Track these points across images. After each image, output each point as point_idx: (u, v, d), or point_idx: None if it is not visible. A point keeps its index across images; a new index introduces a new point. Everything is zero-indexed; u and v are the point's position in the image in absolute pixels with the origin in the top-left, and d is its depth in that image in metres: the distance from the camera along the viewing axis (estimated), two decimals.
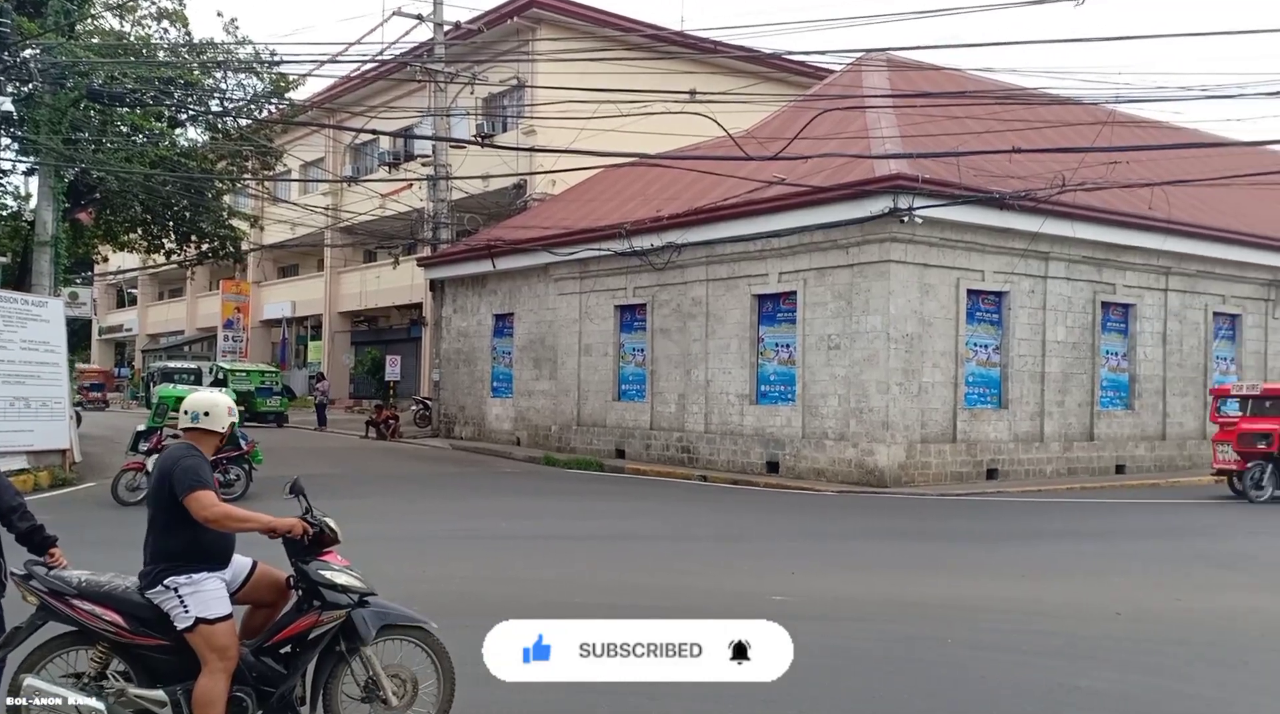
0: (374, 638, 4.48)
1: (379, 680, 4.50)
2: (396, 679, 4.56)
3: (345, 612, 4.45)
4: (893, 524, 12.91)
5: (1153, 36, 14.01)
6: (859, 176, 16.38)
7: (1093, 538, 12.08)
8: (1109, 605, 8.07)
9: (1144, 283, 20.01)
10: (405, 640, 4.62)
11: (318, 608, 4.44)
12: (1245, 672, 6.30)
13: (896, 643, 6.81)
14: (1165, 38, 14.13)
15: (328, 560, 4.51)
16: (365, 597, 4.52)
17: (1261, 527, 13.17)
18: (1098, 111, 17.28)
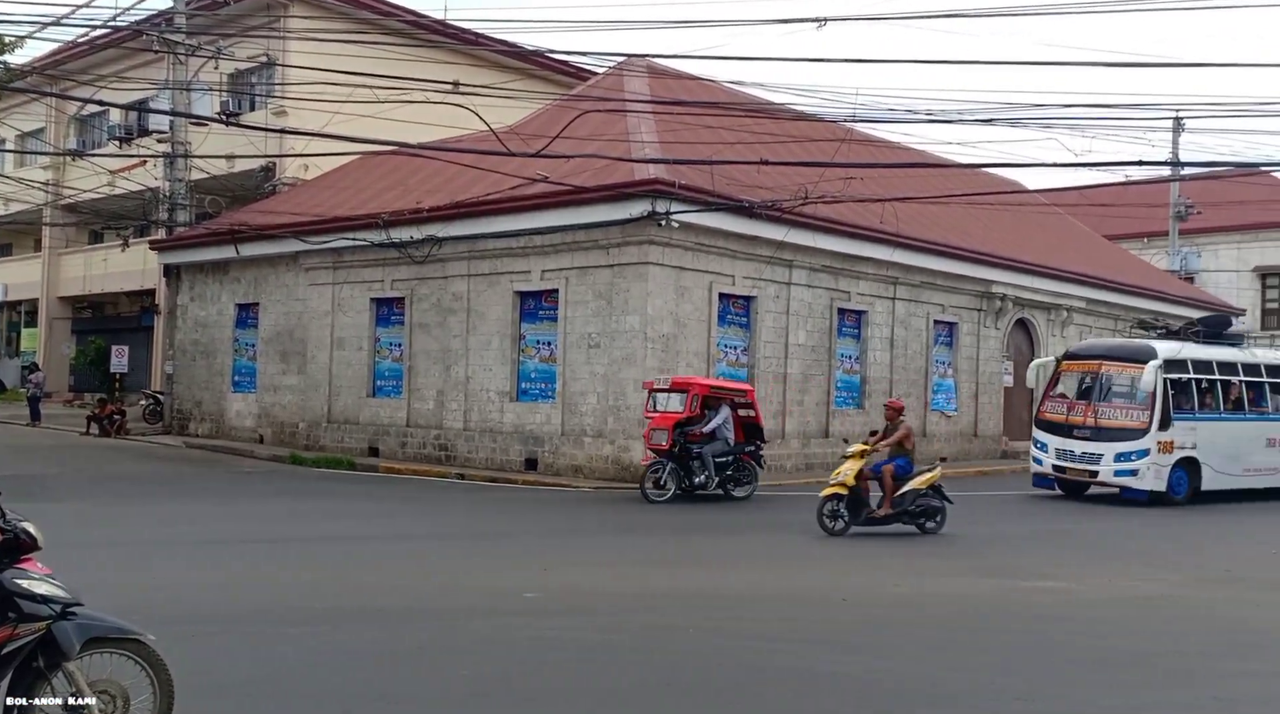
0: (78, 652, 4.09)
1: (83, 697, 4.11)
2: (105, 695, 4.18)
3: (45, 624, 4.04)
4: (646, 519, 13.23)
5: (887, 61, 15.12)
6: (620, 179, 16.68)
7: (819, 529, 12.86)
8: (837, 592, 8.64)
9: (875, 291, 21.56)
10: (116, 654, 4.24)
11: (13, 620, 4.01)
12: (956, 651, 6.90)
13: (644, 634, 6.97)
14: (898, 63, 15.32)
15: (25, 568, 4.08)
16: (70, 608, 4.12)
17: (980, 516, 14.49)
18: (837, 129, 18.46)
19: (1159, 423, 15.68)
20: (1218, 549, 12.30)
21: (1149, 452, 15.59)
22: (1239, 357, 17.46)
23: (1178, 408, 16.09)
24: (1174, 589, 9.50)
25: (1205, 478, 16.27)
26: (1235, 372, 17.16)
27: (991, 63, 16.45)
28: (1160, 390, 15.73)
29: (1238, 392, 17.10)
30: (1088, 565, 10.62)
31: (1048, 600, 8.79)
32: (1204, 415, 16.48)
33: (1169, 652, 6.96)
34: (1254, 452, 17.05)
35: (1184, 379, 16.38)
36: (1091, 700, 5.63)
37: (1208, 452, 16.23)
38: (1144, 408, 15.86)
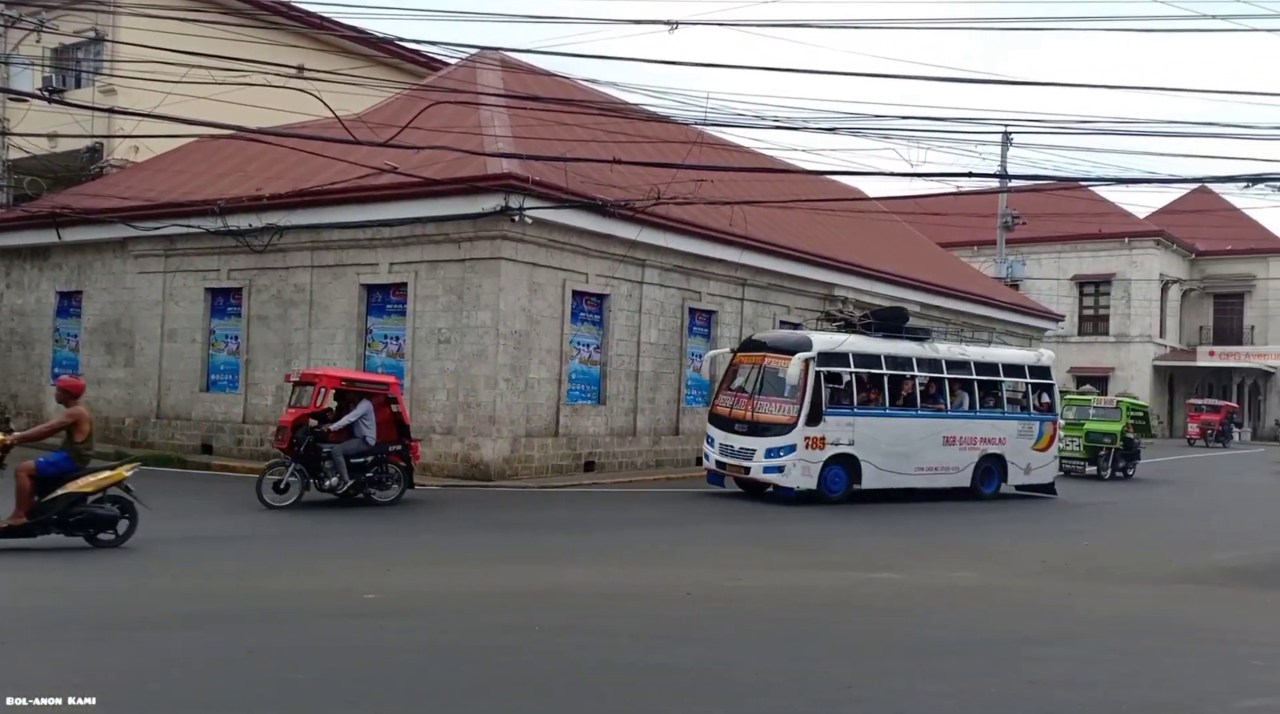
0: None
1: None
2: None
3: None
4: (493, 516, 13.12)
5: (737, 67, 15.44)
6: (472, 172, 16.45)
7: (670, 525, 13.08)
8: (682, 586, 8.78)
9: (725, 292, 22.01)
10: None
11: None
12: (792, 642, 7.11)
13: (489, 633, 6.90)
14: (747, 69, 15.64)
15: None
16: None
17: (818, 515, 14.98)
18: (689, 131, 18.74)
19: (807, 418, 14.89)
20: (1033, 542, 13.06)
21: (795, 447, 14.85)
22: (915, 351, 16.48)
23: (836, 403, 15.37)
24: (995, 580, 10.05)
25: (866, 476, 15.52)
26: (909, 367, 16.28)
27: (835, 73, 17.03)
28: (811, 384, 14.92)
29: (910, 387, 16.29)
30: (919, 557, 11.13)
31: (879, 591, 9.17)
32: (866, 411, 15.70)
33: (989, 639, 7.36)
34: (928, 450, 16.31)
35: (844, 373, 15.61)
36: (914, 687, 5.89)
37: (869, 449, 15.52)
38: (794, 402, 15.03)
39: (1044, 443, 17.90)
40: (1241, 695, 5.96)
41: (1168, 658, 6.91)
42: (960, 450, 16.74)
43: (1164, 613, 8.74)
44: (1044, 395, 18.20)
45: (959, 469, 16.73)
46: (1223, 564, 11.23)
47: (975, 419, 16.93)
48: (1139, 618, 8.42)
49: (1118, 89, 14.37)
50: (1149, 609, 8.91)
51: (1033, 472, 17.75)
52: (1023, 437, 17.56)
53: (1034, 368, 18.26)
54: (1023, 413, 17.80)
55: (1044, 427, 17.93)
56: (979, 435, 16.94)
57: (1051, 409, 18.23)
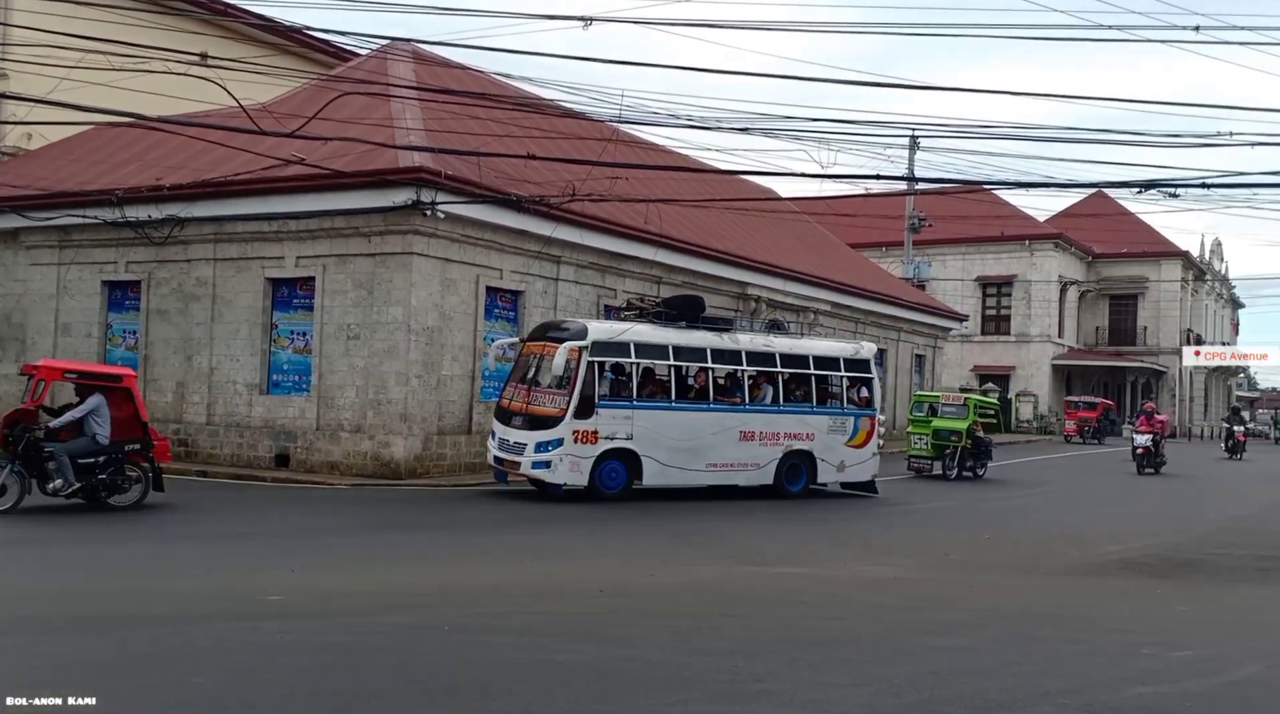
0: None
1: None
2: None
3: None
4: (402, 516, 12.93)
5: (651, 65, 15.49)
6: (383, 165, 16.18)
7: (587, 521, 13.06)
8: (594, 583, 8.77)
9: (640, 289, 22.03)
10: None
11: None
12: (701, 637, 7.16)
13: (396, 634, 6.80)
14: (662, 68, 15.70)
15: None
16: None
17: (725, 509, 15.11)
18: (604, 128, 18.73)
19: (575, 410, 14.10)
20: (938, 536, 13.40)
21: (563, 441, 14.05)
22: (710, 342, 15.49)
23: (615, 394, 14.63)
24: (900, 573, 10.28)
25: (649, 473, 14.72)
26: (702, 358, 15.33)
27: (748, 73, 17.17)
28: (583, 374, 14.13)
29: (703, 380, 15.38)
30: (825, 553, 11.32)
31: (791, 585, 9.30)
32: (648, 403, 14.92)
33: (894, 631, 7.52)
34: (723, 445, 15.40)
35: (625, 363, 14.78)
36: (823, 679, 5.99)
37: (651, 444, 14.68)
38: (565, 393, 14.28)
39: (860, 439, 16.94)
40: (1132, 683, 6.19)
41: (1062, 647, 7.15)
42: (761, 446, 15.83)
43: (1059, 604, 9.04)
44: (863, 389, 17.33)
45: (760, 466, 15.84)
46: (1114, 556, 11.67)
47: (779, 414, 16.08)
48: (1035, 609, 8.70)
49: (1017, 95, 14.81)
50: (1045, 600, 9.21)
51: (848, 469, 16.88)
52: (835, 432, 16.69)
53: (851, 361, 17.23)
54: (836, 407, 16.92)
55: (860, 422, 16.97)
56: (783, 431, 16.07)
57: (870, 404, 17.30)
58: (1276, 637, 7.79)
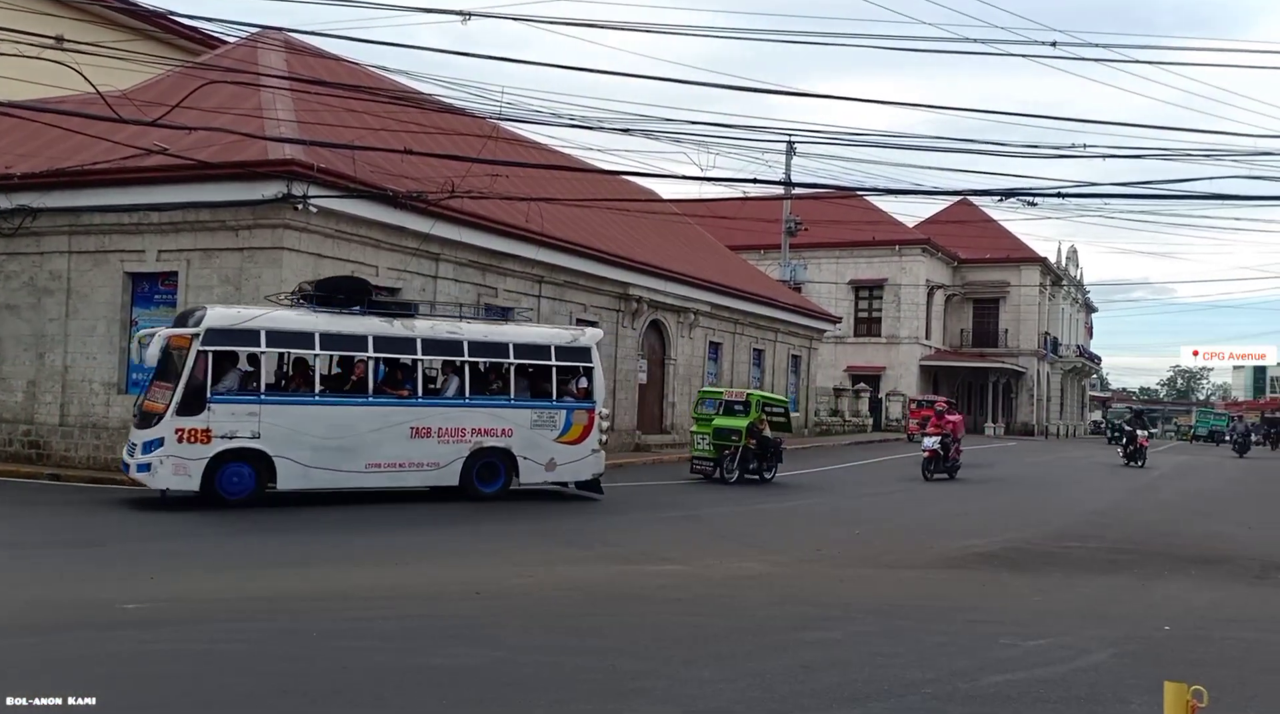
0: None
1: None
2: None
3: None
4: (272, 520, 12.51)
5: (532, 63, 15.39)
6: (252, 157, 15.63)
7: (464, 522, 12.91)
8: (470, 585, 8.67)
9: (521, 288, 21.92)
10: None
11: None
12: (578, 637, 7.16)
13: (265, 641, 6.58)
14: (543, 66, 15.63)
15: None
16: None
17: (606, 506, 15.15)
18: (484, 125, 18.54)
19: (179, 406, 12.50)
20: (810, 531, 13.72)
21: (164, 441, 12.48)
22: (374, 329, 13.82)
23: (243, 388, 13.05)
24: (774, 568, 10.49)
25: (286, 475, 13.09)
26: (361, 346, 13.72)
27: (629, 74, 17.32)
28: (190, 366, 12.55)
29: (362, 370, 13.83)
30: (705, 548, 11.46)
31: (667, 583, 9.38)
32: (283, 398, 13.30)
33: (766, 626, 7.67)
34: (388, 443, 13.81)
35: (256, 352, 13.19)
36: (697, 675, 6.07)
37: (288, 443, 13.06)
38: (172, 387, 12.74)
39: (575, 434, 15.40)
40: (990, 671, 6.46)
41: (926, 638, 7.42)
42: (440, 443, 14.26)
43: (924, 596, 9.38)
44: (582, 380, 15.76)
45: (440, 465, 14.26)
46: (976, 550, 12.17)
47: (465, 407, 14.53)
48: (902, 601, 9.00)
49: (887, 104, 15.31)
50: (911, 593, 9.54)
51: (560, 467, 15.32)
52: (541, 427, 15.13)
53: (567, 348, 15.64)
54: (541, 400, 15.29)
55: (574, 416, 15.41)
56: (470, 426, 14.53)
57: (590, 395, 15.69)
58: (1123, 624, 8.24)
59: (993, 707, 5.70)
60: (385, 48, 40.78)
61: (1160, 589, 10.09)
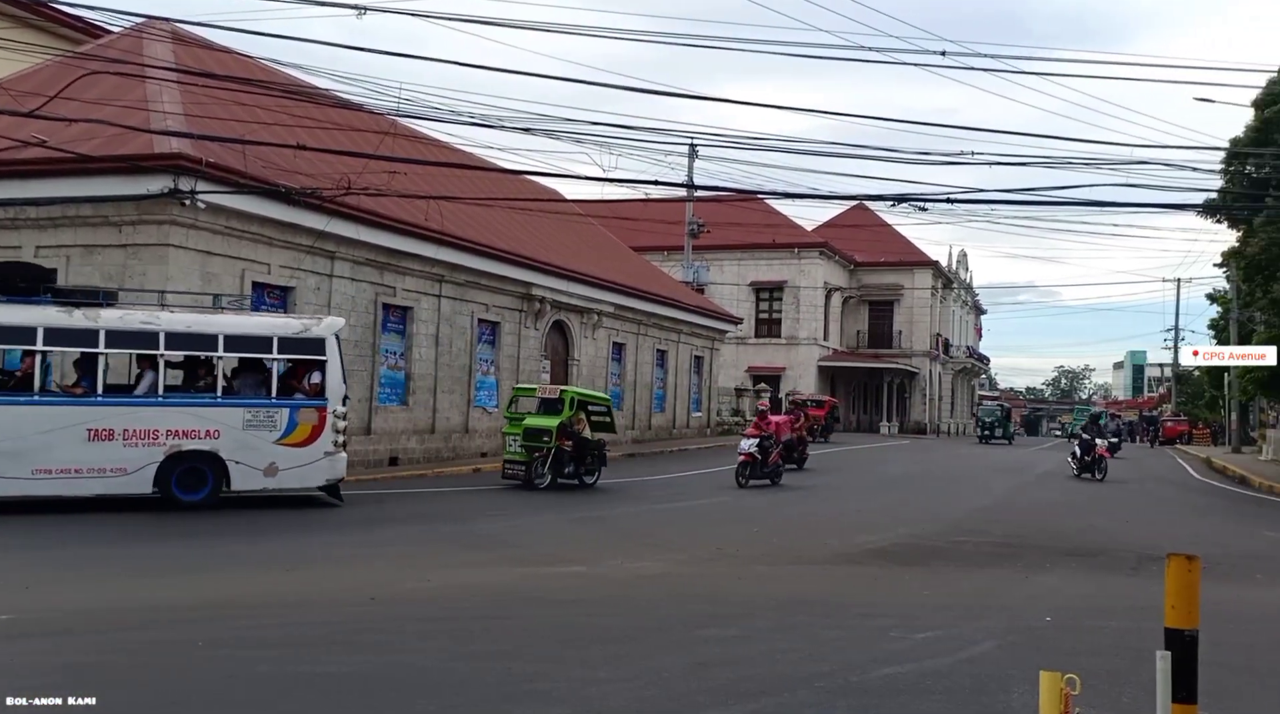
0: None
1: None
2: None
3: None
4: (147, 526, 12.07)
5: (430, 59, 15.18)
6: (136, 150, 15.09)
7: (358, 526, 12.66)
8: (366, 591, 8.50)
9: (421, 288, 21.61)
10: None
11: None
12: (474, 640, 7.09)
13: (145, 652, 6.33)
14: (441, 62, 15.44)
15: None
16: None
17: (510, 507, 15.04)
18: (382, 121, 18.23)
19: None
20: (712, 530, 13.86)
21: None
22: (47, 320, 12.51)
23: None
24: (674, 567, 10.55)
25: None
26: (29, 339, 12.43)
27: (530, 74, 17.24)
28: None
29: (30, 365, 12.58)
30: (604, 550, 11.47)
31: (563, 585, 9.36)
32: None
33: (664, 625, 7.71)
34: (60, 446, 12.48)
35: None
36: (593, 675, 6.06)
37: None
38: None
39: (301, 436, 13.84)
40: (880, 664, 6.62)
41: (821, 632, 7.56)
42: (127, 447, 12.82)
43: (819, 592, 9.56)
44: (314, 375, 14.12)
45: (127, 471, 12.81)
46: (869, 546, 12.46)
47: (154, 407, 13.07)
48: (797, 597, 9.15)
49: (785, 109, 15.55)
50: (807, 589, 9.71)
51: (284, 473, 13.74)
52: (257, 428, 13.62)
53: (294, 341, 14.01)
54: (259, 398, 13.74)
55: (298, 416, 13.86)
56: (165, 427, 13.04)
57: (322, 393, 14.10)
58: (1007, 616, 8.53)
59: (881, 699, 5.84)
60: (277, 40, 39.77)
61: (1042, 581, 10.48)
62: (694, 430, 36.97)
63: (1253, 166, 25.27)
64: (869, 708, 5.63)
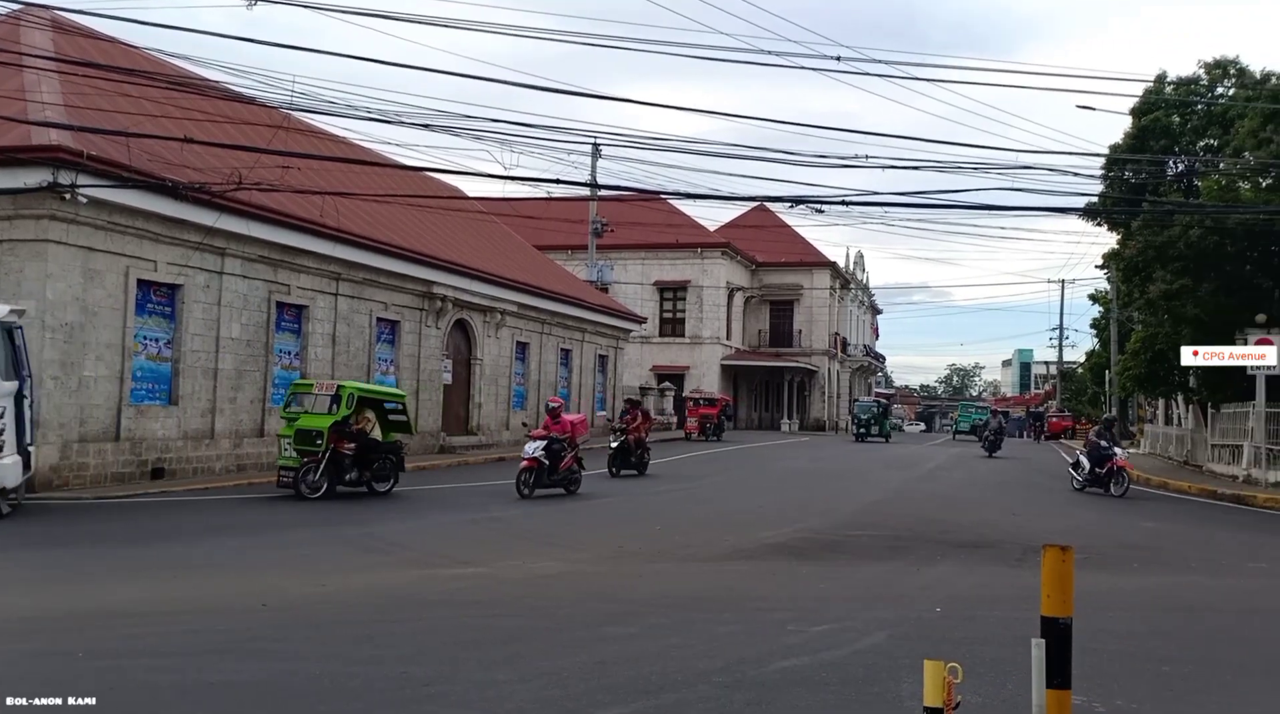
0: None
1: None
2: None
3: None
4: (37, 531, 11.54)
5: (324, 52, 14.86)
6: (13, 142, 14.41)
7: (247, 531, 12.32)
8: (258, 597, 8.27)
9: (317, 286, 21.12)
10: None
11: None
12: (370, 644, 6.96)
13: (22, 663, 6.04)
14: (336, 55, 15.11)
15: None
16: None
17: (390, 512, 14.81)
18: (275, 114, 17.74)
19: None
20: (614, 529, 13.89)
21: None
22: None
23: None
24: (575, 566, 10.55)
25: None
26: None
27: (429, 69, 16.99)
28: None
29: None
30: (504, 551, 11.39)
31: (462, 586, 9.27)
32: None
33: (565, 624, 7.70)
34: None
35: None
36: (492, 678, 6.01)
37: None
38: None
39: None
40: (776, 658, 6.73)
41: (718, 628, 7.65)
42: None
43: (718, 588, 9.66)
44: None
45: None
46: (769, 541, 12.66)
47: None
48: (697, 594, 9.24)
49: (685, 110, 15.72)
50: (706, 585, 9.81)
51: None
52: None
53: None
54: None
55: None
56: None
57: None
58: (899, 607, 8.76)
59: (776, 692, 5.93)
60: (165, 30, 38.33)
61: (933, 573, 10.79)
62: (599, 429, 36.99)
63: (1131, 172, 26.53)
64: (764, 701, 5.72)
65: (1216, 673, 6.82)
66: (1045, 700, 3.32)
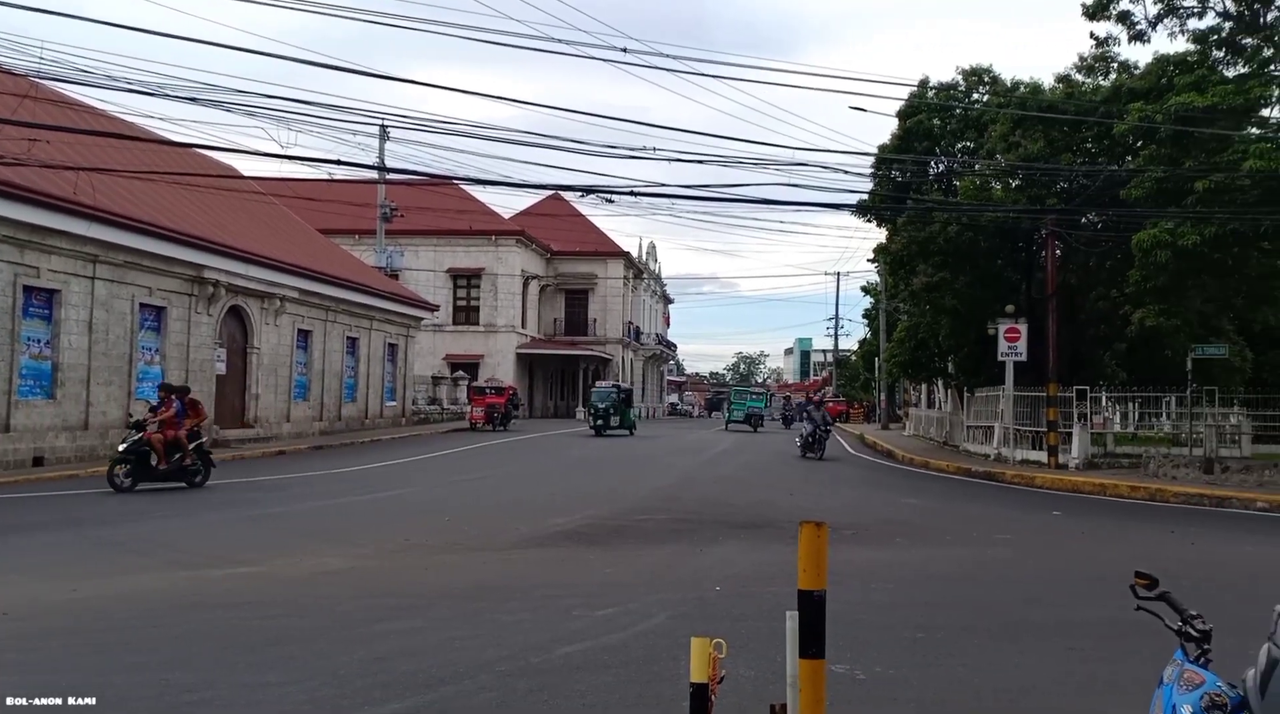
0: None
1: None
2: None
3: None
4: None
5: (73, 16, 13.66)
6: None
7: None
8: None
9: (70, 269, 19.48)
10: None
11: None
12: (129, 652, 6.51)
13: None
14: (91, 21, 13.96)
15: None
16: None
17: (154, 510, 13.92)
18: (21, 82, 16.21)
19: None
20: (402, 522, 13.59)
21: None
22: None
23: None
24: (359, 562, 10.23)
25: None
26: None
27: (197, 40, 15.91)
28: None
29: None
30: (282, 547, 10.92)
31: (232, 587, 8.81)
32: None
33: (344, 621, 7.46)
34: None
35: None
36: (262, 680, 5.76)
37: None
38: None
39: None
40: (561, 643, 6.77)
41: (504, 617, 7.62)
42: None
43: (505, 576, 9.63)
44: None
45: None
46: (558, 528, 12.72)
47: None
48: (485, 583, 9.17)
49: (473, 94, 15.51)
50: (495, 574, 9.75)
51: None
52: None
53: None
54: None
55: None
56: None
57: None
58: (680, 588, 9.01)
59: (560, 677, 5.98)
60: None
61: (714, 554, 11.17)
62: (388, 420, 36.03)
63: (897, 171, 28.28)
64: (547, 687, 5.75)
65: (967, 638, 7.40)
66: (799, 670, 3.49)
